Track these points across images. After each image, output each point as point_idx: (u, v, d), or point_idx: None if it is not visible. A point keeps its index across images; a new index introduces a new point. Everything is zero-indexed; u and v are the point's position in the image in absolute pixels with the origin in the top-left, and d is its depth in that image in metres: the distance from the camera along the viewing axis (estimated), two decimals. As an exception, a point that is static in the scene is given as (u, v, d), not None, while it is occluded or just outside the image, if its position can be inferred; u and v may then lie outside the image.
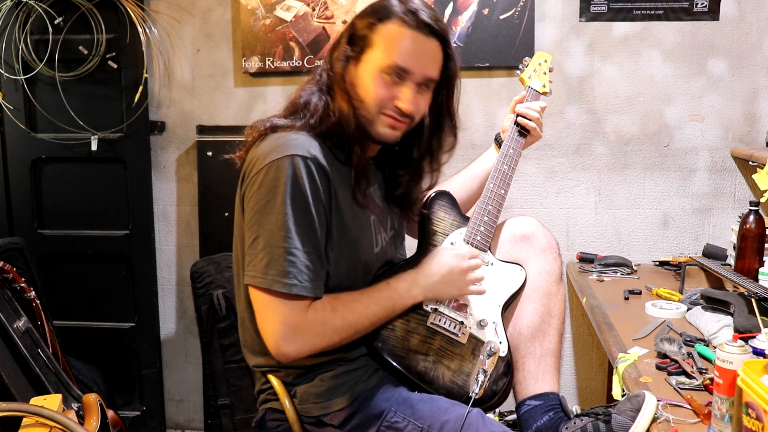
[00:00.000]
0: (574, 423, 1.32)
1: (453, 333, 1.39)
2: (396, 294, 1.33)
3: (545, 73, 1.68)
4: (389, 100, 1.30)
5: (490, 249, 1.50)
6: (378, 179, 1.46)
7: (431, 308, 1.40)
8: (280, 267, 1.21)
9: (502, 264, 1.48)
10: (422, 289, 1.35)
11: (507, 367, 1.43)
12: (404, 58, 1.28)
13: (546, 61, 1.69)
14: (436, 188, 1.58)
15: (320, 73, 1.36)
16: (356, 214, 1.34)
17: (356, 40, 1.31)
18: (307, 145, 1.26)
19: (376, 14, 1.30)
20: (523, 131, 1.58)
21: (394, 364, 1.36)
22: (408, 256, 1.48)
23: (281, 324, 1.23)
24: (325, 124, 1.30)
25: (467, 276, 1.38)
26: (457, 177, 1.69)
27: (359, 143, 1.31)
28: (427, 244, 1.48)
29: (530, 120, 1.57)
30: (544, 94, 1.67)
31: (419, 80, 1.31)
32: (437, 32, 1.30)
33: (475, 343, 1.41)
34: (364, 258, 1.36)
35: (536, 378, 1.44)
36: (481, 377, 1.37)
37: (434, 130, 1.42)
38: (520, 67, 1.71)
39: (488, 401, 1.40)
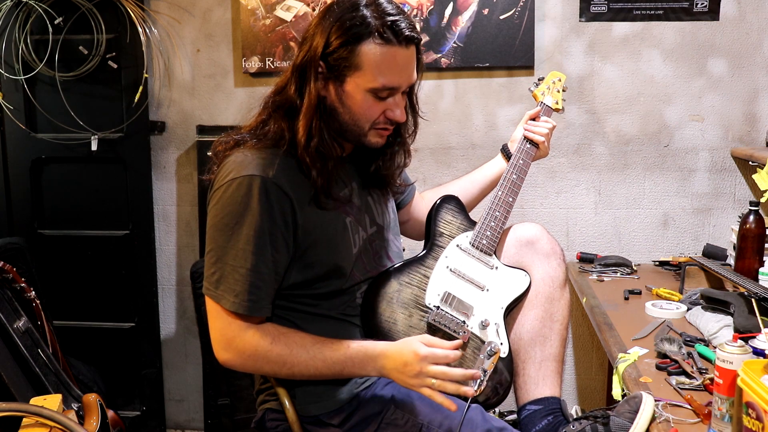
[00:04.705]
0: (573, 426, 1.33)
1: (454, 331, 1.39)
2: (349, 362, 1.28)
3: (559, 91, 1.73)
4: (381, 115, 1.31)
5: (495, 253, 1.51)
6: (354, 175, 1.43)
7: (434, 305, 1.41)
8: (228, 284, 1.25)
9: (507, 268, 1.49)
10: (377, 369, 1.29)
11: (507, 369, 1.43)
12: (392, 78, 1.27)
13: (560, 80, 1.74)
14: (444, 192, 1.59)
15: (288, 89, 1.30)
16: (330, 220, 1.33)
17: (334, 61, 1.25)
18: (267, 164, 1.26)
19: (353, 32, 1.23)
20: (534, 144, 1.63)
21: None
22: (413, 255, 1.49)
23: (220, 333, 1.28)
24: (308, 152, 1.27)
25: (422, 379, 1.25)
26: (458, 181, 1.70)
27: (336, 155, 1.31)
28: (432, 245, 1.49)
29: (538, 136, 1.62)
30: (557, 110, 1.72)
31: (405, 89, 1.32)
32: (415, 39, 1.28)
33: (477, 342, 1.41)
34: (342, 261, 1.35)
35: (536, 383, 1.45)
36: (480, 376, 1.37)
37: (413, 114, 1.42)
38: (535, 82, 1.76)
39: (486, 401, 1.40)
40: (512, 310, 1.49)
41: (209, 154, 1.40)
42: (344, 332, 1.36)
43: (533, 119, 1.67)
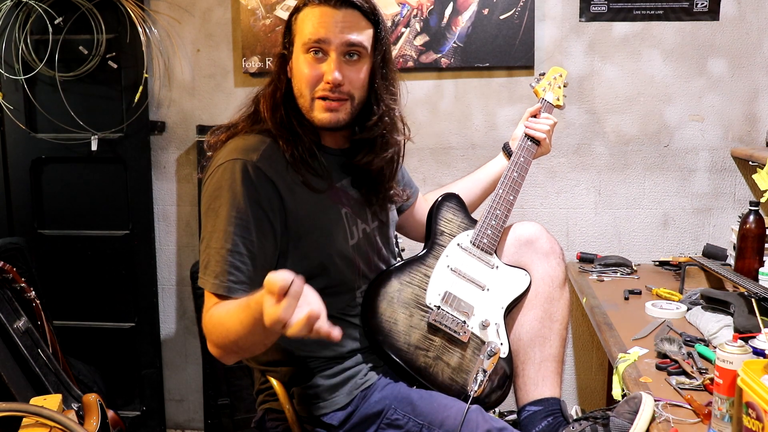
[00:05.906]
0: (573, 427, 1.33)
1: (455, 331, 1.39)
2: (256, 315, 1.05)
3: (560, 87, 1.74)
4: (318, 79, 1.29)
5: (496, 252, 1.50)
6: (349, 171, 1.42)
7: (434, 305, 1.41)
8: (211, 267, 1.23)
9: (508, 268, 1.49)
10: None
11: (507, 369, 1.43)
12: (316, 30, 1.28)
13: (561, 76, 1.75)
14: (444, 190, 1.59)
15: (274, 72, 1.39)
16: (323, 209, 1.33)
17: (286, 35, 1.35)
18: (252, 149, 1.28)
19: (296, 6, 1.33)
20: (535, 141, 1.63)
21: (394, 357, 1.36)
22: (413, 254, 1.49)
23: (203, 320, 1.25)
24: (274, 124, 1.32)
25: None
26: (460, 181, 1.70)
27: (305, 135, 1.32)
28: (433, 244, 1.49)
29: (540, 132, 1.62)
30: (558, 107, 1.73)
31: (341, 48, 1.29)
32: (348, 2, 1.29)
33: (477, 342, 1.41)
34: (338, 251, 1.34)
35: (536, 383, 1.45)
36: (480, 377, 1.37)
37: (376, 99, 1.38)
38: (536, 78, 1.76)
39: (486, 401, 1.40)
40: (512, 310, 1.48)
41: (205, 148, 1.42)
42: (344, 332, 1.35)
43: (534, 116, 1.67)
